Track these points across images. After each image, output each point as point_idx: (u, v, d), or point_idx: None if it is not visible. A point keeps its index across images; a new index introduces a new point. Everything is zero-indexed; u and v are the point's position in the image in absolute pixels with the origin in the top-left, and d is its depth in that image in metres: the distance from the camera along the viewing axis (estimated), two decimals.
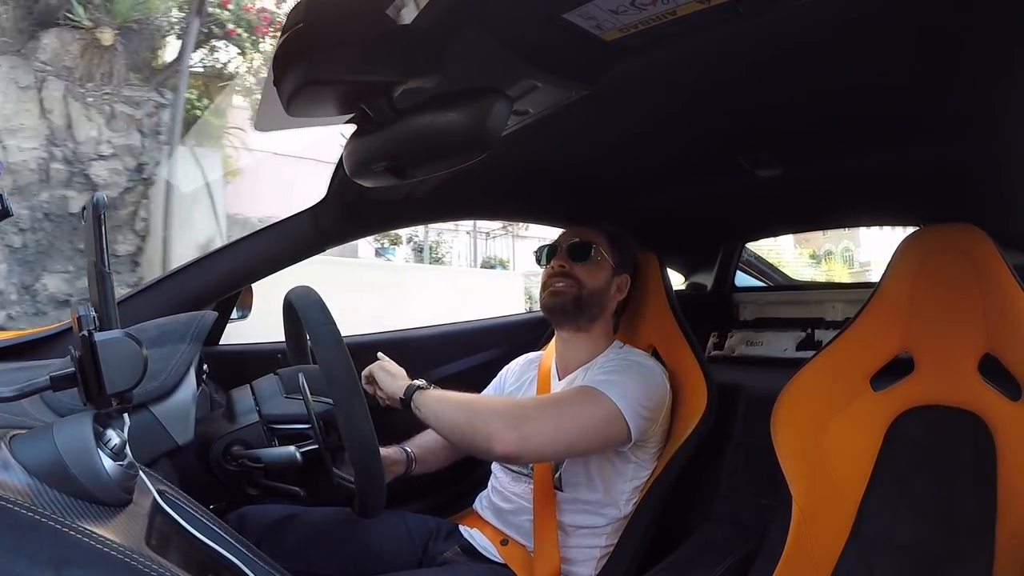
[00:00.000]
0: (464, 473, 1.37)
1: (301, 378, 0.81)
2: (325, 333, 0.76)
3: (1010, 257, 0.88)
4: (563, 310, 1.03)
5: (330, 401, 0.78)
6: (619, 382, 0.92)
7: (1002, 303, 0.87)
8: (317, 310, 0.79)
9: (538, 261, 1.11)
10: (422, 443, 1.11)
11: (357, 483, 0.75)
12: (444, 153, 0.60)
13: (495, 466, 1.11)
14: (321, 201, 1.01)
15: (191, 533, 0.49)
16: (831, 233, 8.10)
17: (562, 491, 0.98)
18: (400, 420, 1.27)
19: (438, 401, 0.91)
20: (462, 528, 1.08)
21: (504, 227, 8.00)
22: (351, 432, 0.73)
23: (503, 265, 8.13)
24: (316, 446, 0.79)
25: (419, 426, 1.17)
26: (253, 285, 1.12)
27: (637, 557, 0.97)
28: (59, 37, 4.04)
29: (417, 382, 0.95)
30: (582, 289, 1.02)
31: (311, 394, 0.80)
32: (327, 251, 1.10)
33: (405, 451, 1.07)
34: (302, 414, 0.80)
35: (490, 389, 1.21)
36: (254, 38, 4.89)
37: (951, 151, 0.93)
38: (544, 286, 1.06)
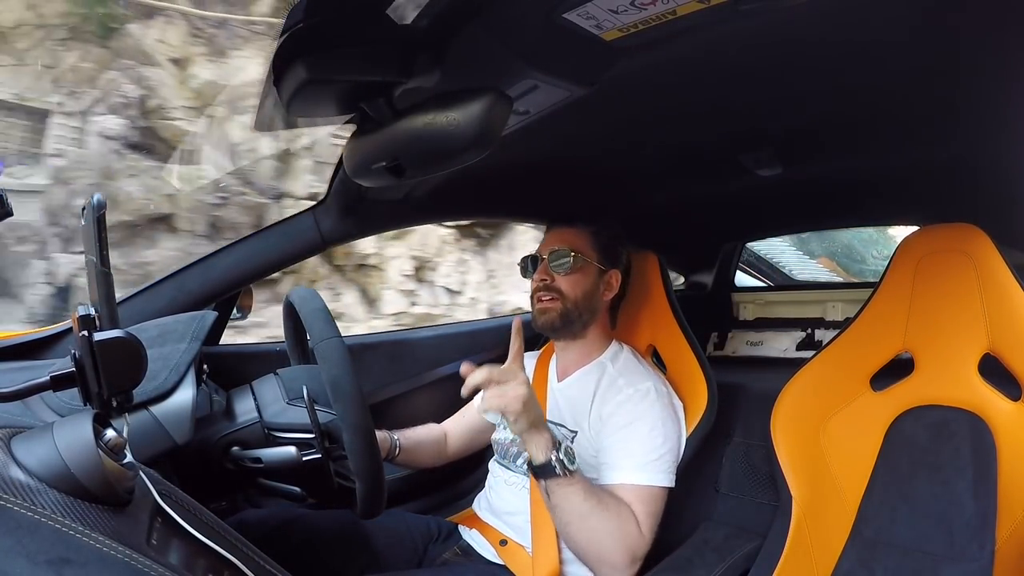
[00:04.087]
0: (463, 473, 1.37)
1: (305, 391, 0.80)
2: (330, 347, 0.73)
3: (1010, 257, 0.88)
4: (553, 327, 1.03)
5: (333, 413, 0.77)
6: (658, 458, 0.92)
7: (1002, 303, 0.87)
8: (322, 321, 0.76)
9: (523, 273, 1.08)
10: (411, 435, 1.11)
11: (359, 491, 0.74)
12: (444, 153, 0.60)
13: (493, 466, 1.11)
14: (321, 201, 1.01)
15: (191, 533, 0.48)
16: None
17: None
18: (398, 415, 1.28)
19: (573, 495, 0.83)
20: (461, 529, 1.08)
21: None
22: (356, 450, 0.71)
23: None
24: (319, 455, 0.79)
25: (414, 422, 1.17)
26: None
27: None
28: None
29: (562, 455, 0.82)
30: (567, 301, 1.01)
31: (314, 404, 0.79)
32: None
33: (391, 437, 1.07)
34: (305, 424, 0.79)
35: None
36: None
37: (951, 151, 0.93)
38: (532, 300, 1.05)
